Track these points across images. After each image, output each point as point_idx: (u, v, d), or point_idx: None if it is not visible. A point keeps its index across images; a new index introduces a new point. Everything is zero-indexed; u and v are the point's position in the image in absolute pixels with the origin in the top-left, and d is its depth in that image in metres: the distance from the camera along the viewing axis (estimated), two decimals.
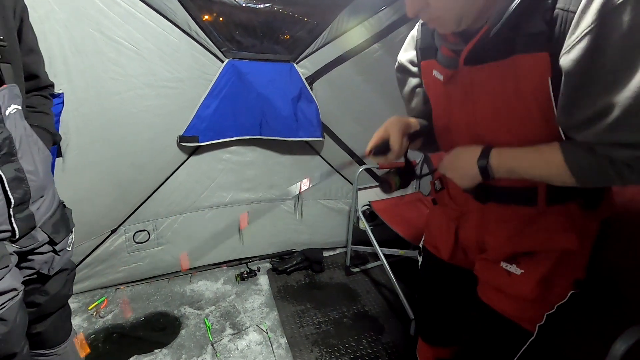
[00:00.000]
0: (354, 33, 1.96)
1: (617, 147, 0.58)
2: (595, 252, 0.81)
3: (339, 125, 2.26)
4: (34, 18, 1.09)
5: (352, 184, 2.39)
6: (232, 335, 1.86)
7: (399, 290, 1.93)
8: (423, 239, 1.17)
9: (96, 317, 1.92)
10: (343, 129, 2.28)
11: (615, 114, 0.55)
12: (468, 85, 0.76)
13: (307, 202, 2.44)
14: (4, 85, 0.98)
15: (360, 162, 2.37)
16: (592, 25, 0.53)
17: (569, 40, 0.56)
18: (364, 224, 2.14)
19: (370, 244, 2.11)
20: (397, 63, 1.01)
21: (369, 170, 2.39)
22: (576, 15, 0.55)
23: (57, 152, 1.52)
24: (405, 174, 0.95)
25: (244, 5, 1.73)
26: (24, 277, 1.12)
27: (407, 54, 0.97)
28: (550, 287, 0.81)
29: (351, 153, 2.37)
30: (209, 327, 1.88)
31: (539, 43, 0.61)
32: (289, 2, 1.87)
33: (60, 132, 1.50)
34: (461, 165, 0.82)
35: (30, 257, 1.11)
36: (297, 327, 1.92)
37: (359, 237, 2.35)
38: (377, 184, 2.41)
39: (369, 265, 2.47)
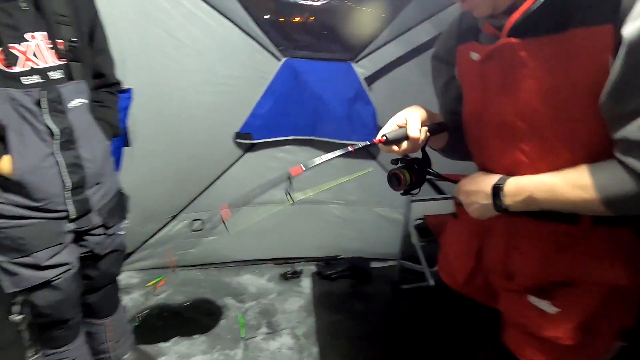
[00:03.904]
0: (418, 30, 1.79)
1: None
2: None
3: None
4: (108, 20, 1.20)
5: None
6: (266, 334, 1.86)
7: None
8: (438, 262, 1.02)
9: (153, 293, 2.10)
10: None
11: None
12: (509, 64, 0.64)
13: (359, 207, 2.33)
14: (71, 81, 1.09)
15: None
16: None
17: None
18: (414, 239, 1.96)
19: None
20: (433, 51, 0.93)
21: (428, 181, 2.18)
22: None
23: (125, 141, 1.68)
24: (419, 169, 0.81)
25: (300, 2, 1.70)
26: (80, 253, 1.25)
27: (446, 42, 0.89)
28: (592, 334, 0.67)
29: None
30: (242, 324, 1.90)
31: (604, 13, 0.51)
32: None
33: (129, 124, 1.66)
34: (475, 188, 0.73)
35: (85, 237, 1.24)
36: (330, 339, 1.83)
37: (414, 252, 2.16)
38: (437, 196, 2.21)
39: (423, 284, 2.26)
